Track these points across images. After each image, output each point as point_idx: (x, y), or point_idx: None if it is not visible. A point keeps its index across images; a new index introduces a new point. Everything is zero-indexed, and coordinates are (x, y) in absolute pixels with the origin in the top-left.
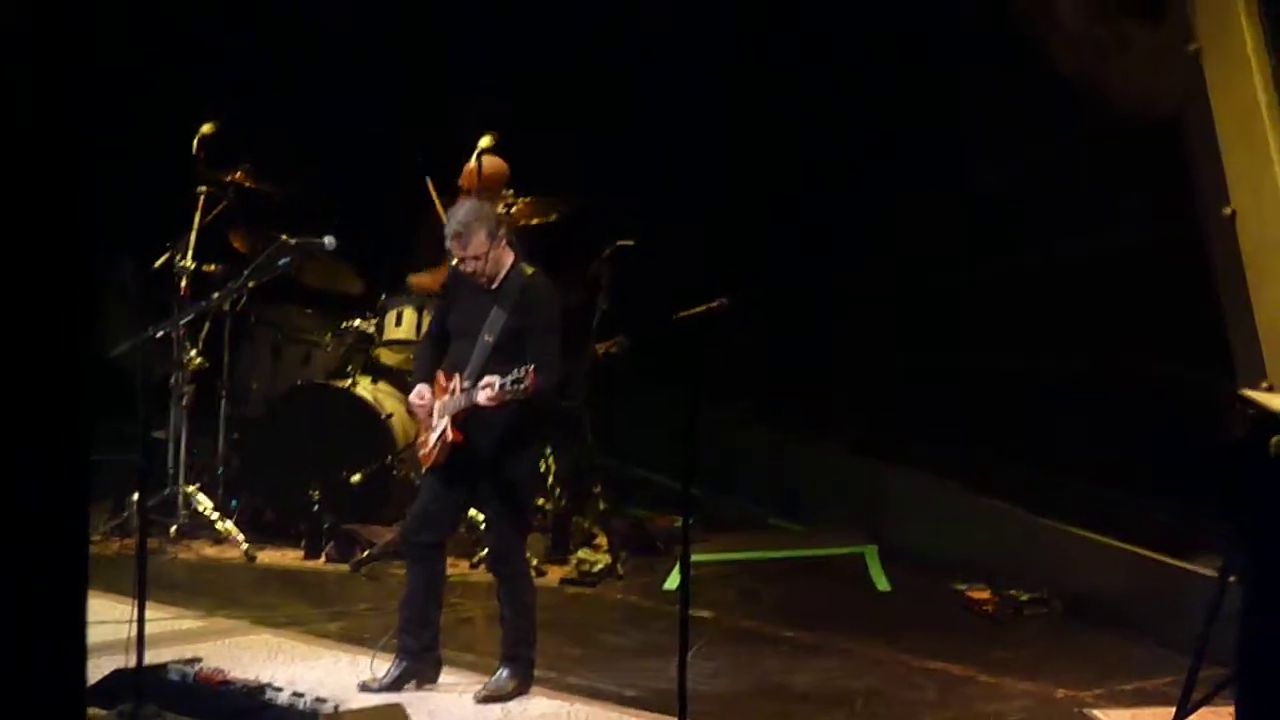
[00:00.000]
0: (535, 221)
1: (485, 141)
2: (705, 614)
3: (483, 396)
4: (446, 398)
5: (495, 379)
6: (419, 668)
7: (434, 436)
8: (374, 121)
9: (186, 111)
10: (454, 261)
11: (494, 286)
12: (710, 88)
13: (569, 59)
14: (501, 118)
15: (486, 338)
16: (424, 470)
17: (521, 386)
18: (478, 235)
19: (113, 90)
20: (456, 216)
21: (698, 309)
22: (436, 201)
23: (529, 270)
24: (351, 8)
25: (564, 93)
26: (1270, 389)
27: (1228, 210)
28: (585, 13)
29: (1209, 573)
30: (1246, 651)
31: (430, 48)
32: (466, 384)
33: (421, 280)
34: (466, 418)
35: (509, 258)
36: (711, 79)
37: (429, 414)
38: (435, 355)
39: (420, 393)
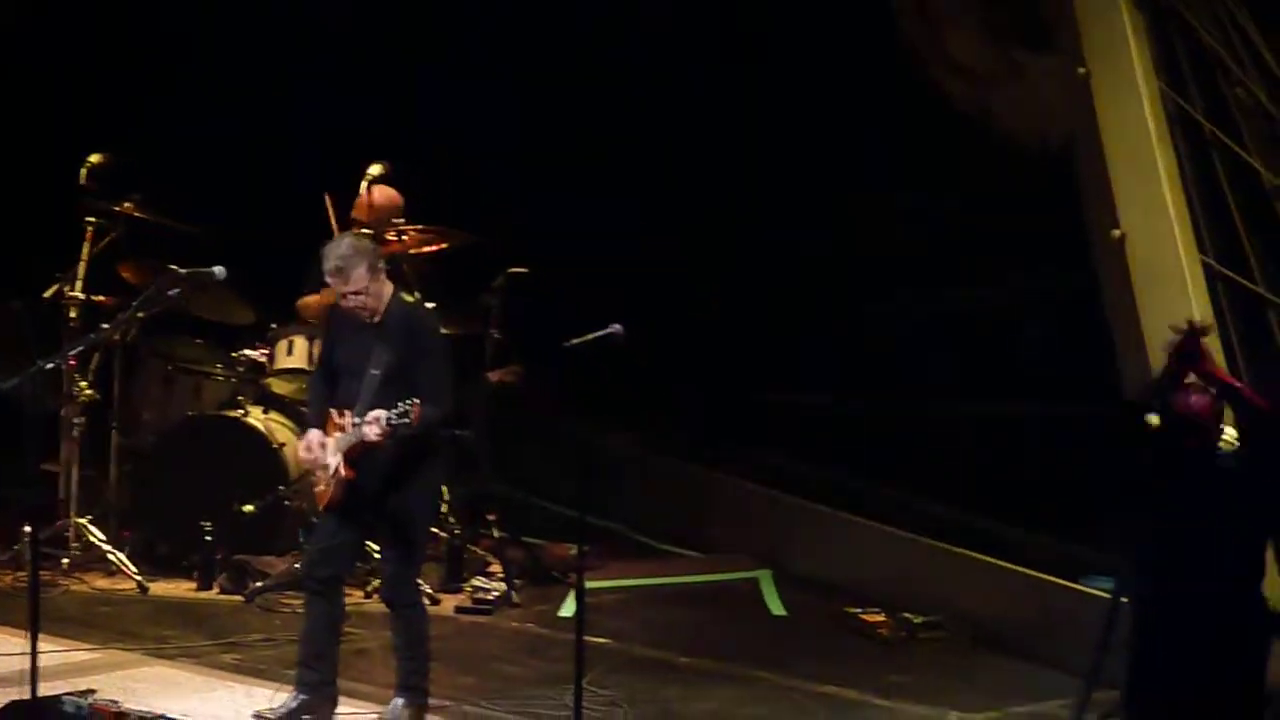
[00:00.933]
0: (426, 250)
1: (375, 170)
2: (602, 642)
3: (370, 432)
4: (338, 435)
5: (381, 413)
6: (316, 702)
7: (327, 475)
8: (262, 149)
9: (75, 142)
10: (336, 298)
11: (376, 320)
12: (607, 119)
13: (457, 89)
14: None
15: (373, 372)
16: (322, 509)
17: (407, 420)
18: (358, 269)
19: None
20: (336, 252)
21: (590, 336)
22: (333, 219)
23: (409, 299)
24: (236, 34)
25: (457, 121)
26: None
27: (1117, 233)
28: (478, 44)
29: (1101, 595)
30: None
31: (318, 73)
32: (356, 420)
33: (310, 302)
34: (359, 453)
35: (389, 289)
36: (610, 110)
37: (319, 461)
38: (326, 395)
39: (309, 442)
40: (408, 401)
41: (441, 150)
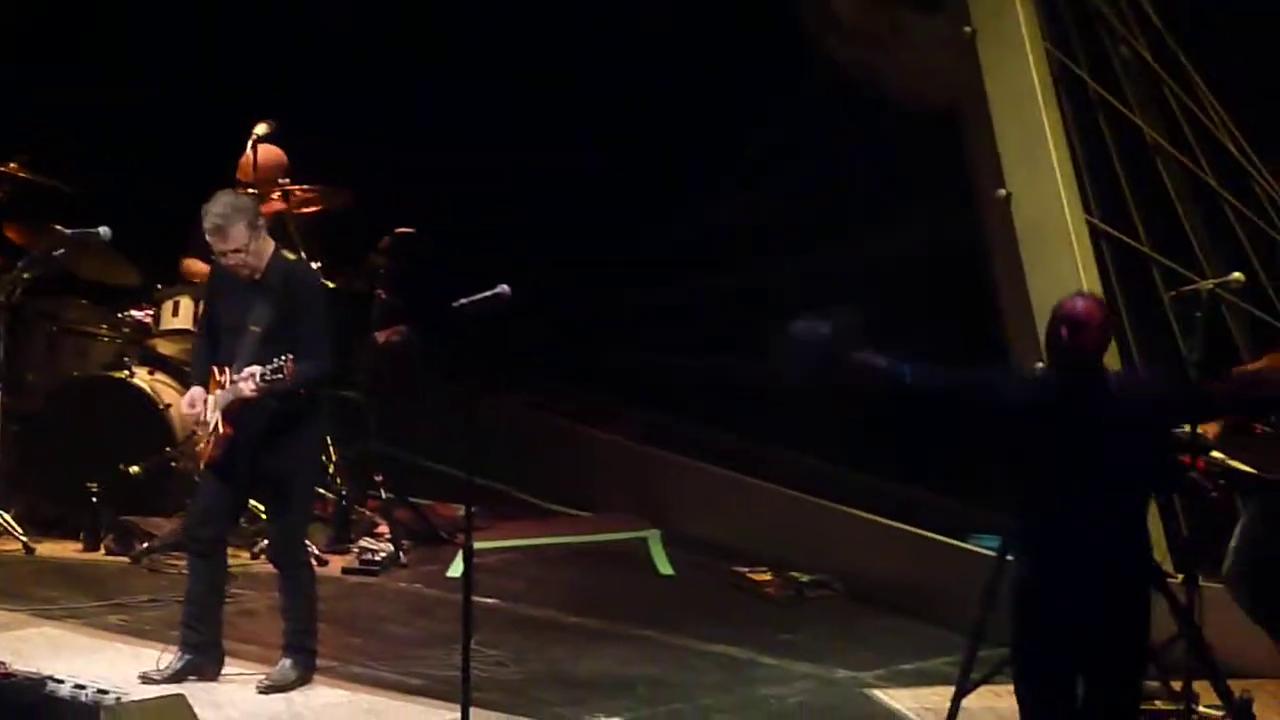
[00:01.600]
0: (313, 210)
1: (261, 129)
2: (490, 602)
3: (245, 387)
4: (219, 392)
5: (256, 369)
6: (201, 661)
7: (207, 432)
8: (149, 110)
9: None
10: (216, 255)
11: (257, 278)
12: (496, 82)
13: (346, 47)
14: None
15: (253, 329)
16: (202, 467)
17: (282, 375)
18: (237, 227)
19: None
20: (214, 210)
21: (479, 296)
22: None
23: (291, 257)
24: None
25: (342, 81)
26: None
27: (1003, 193)
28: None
29: (987, 553)
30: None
31: (206, 32)
32: (234, 377)
33: (195, 266)
34: (238, 410)
35: (269, 247)
36: (495, 71)
37: (199, 417)
38: (209, 354)
39: (191, 399)
40: (283, 357)
41: (325, 108)
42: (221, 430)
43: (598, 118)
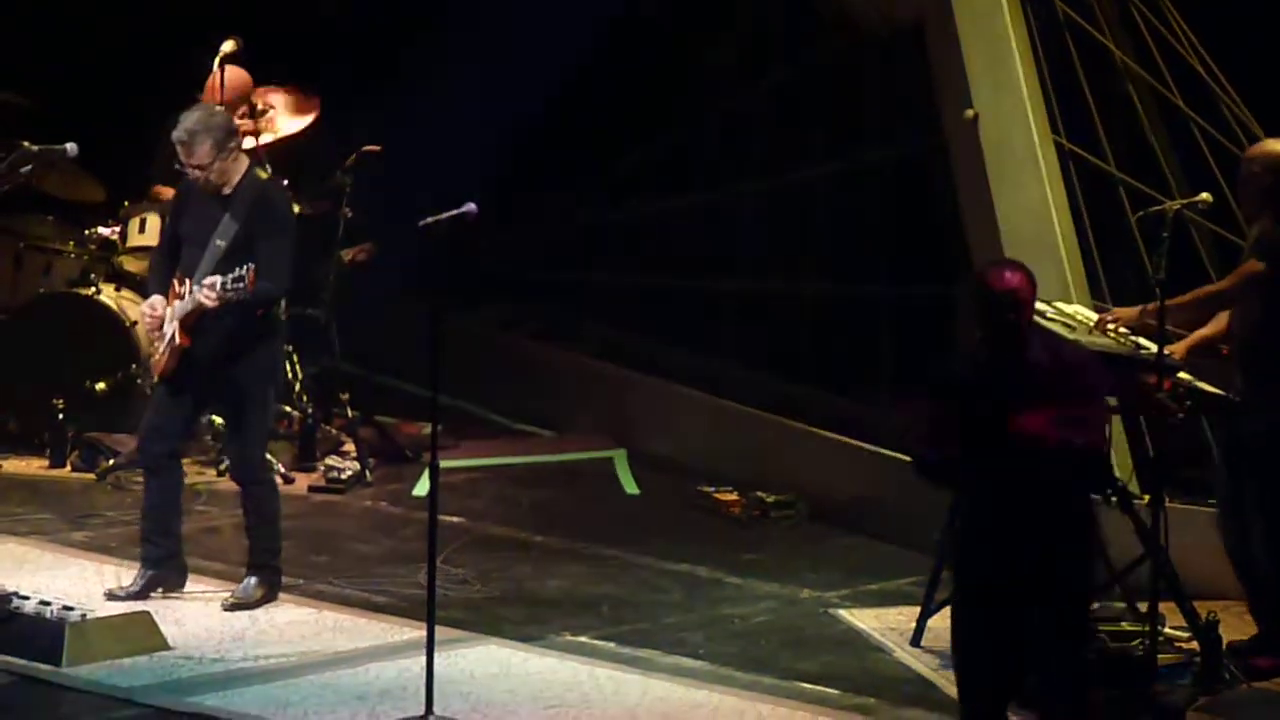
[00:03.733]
0: (285, 135)
1: (228, 46)
2: (455, 520)
3: (204, 295)
4: (178, 302)
5: (216, 278)
6: (164, 575)
7: (163, 343)
8: (115, 25)
9: None
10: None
11: (227, 193)
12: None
13: None
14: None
15: (218, 242)
16: (155, 379)
17: (242, 285)
18: (202, 145)
19: None
20: (184, 123)
21: (445, 215)
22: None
23: (263, 175)
24: None
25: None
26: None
27: (969, 113)
28: None
29: None
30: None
31: None
32: (203, 284)
33: (166, 191)
34: (195, 322)
35: (242, 165)
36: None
37: (159, 325)
38: (169, 265)
39: (152, 304)
40: (244, 268)
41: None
42: (178, 340)
43: (561, 37)
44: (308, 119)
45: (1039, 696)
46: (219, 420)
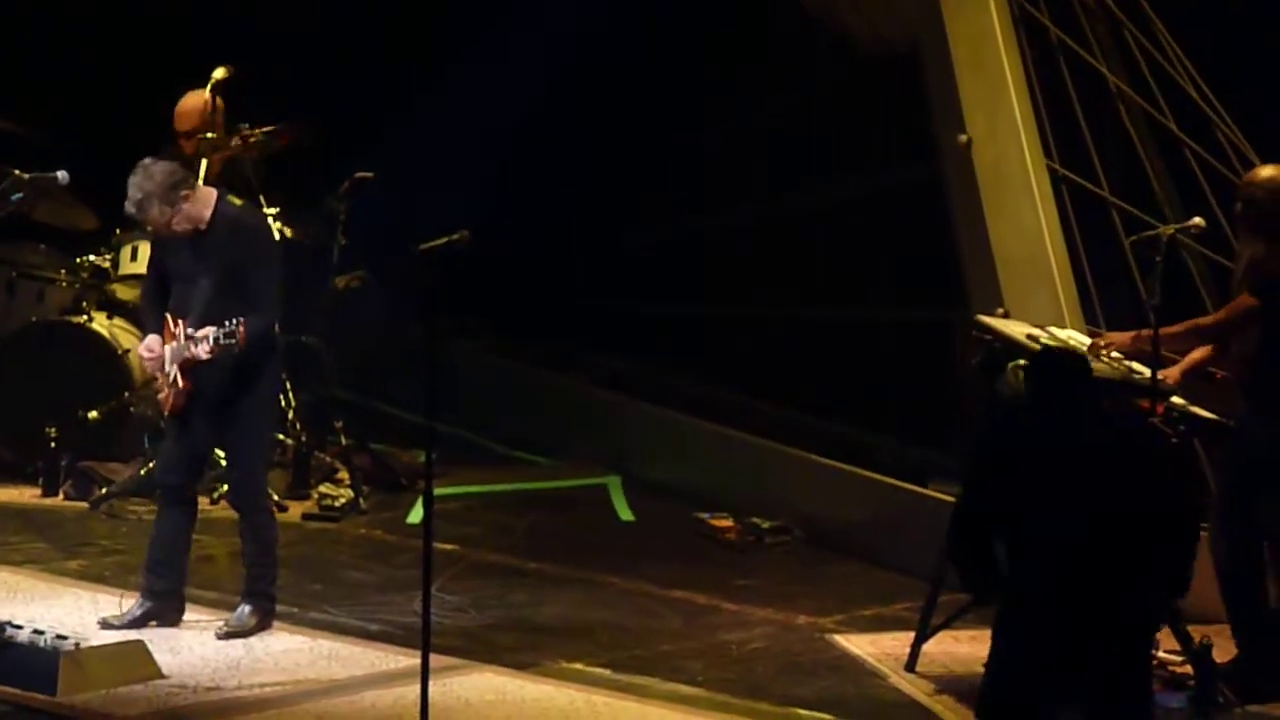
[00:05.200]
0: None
1: (219, 74)
2: (450, 548)
3: (200, 351)
4: (174, 344)
5: (210, 331)
6: (162, 609)
7: (168, 384)
8: (106, 55)
9: None
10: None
11: (202, 229)
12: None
13: None
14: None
15: (203, 282)
16: (167, 414)
17: (234, 341)
18: (151, 209)
19: None
20: (129, 194)
21: (439, 241)
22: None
23: (237, 203)
24: None
25: (297, 23)
26: (1006, 315)
27: (964, 138)
28: None
29: (947, 499)
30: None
31: None
32: (190, 331)
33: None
34: (193, 366)
35: (209, 199)
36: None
37: (159, 365)
38: (160, 303)
39: (149, 345)
40: (234, 322)
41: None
42: (181, 384)
43: (556, 63)
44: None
45: None
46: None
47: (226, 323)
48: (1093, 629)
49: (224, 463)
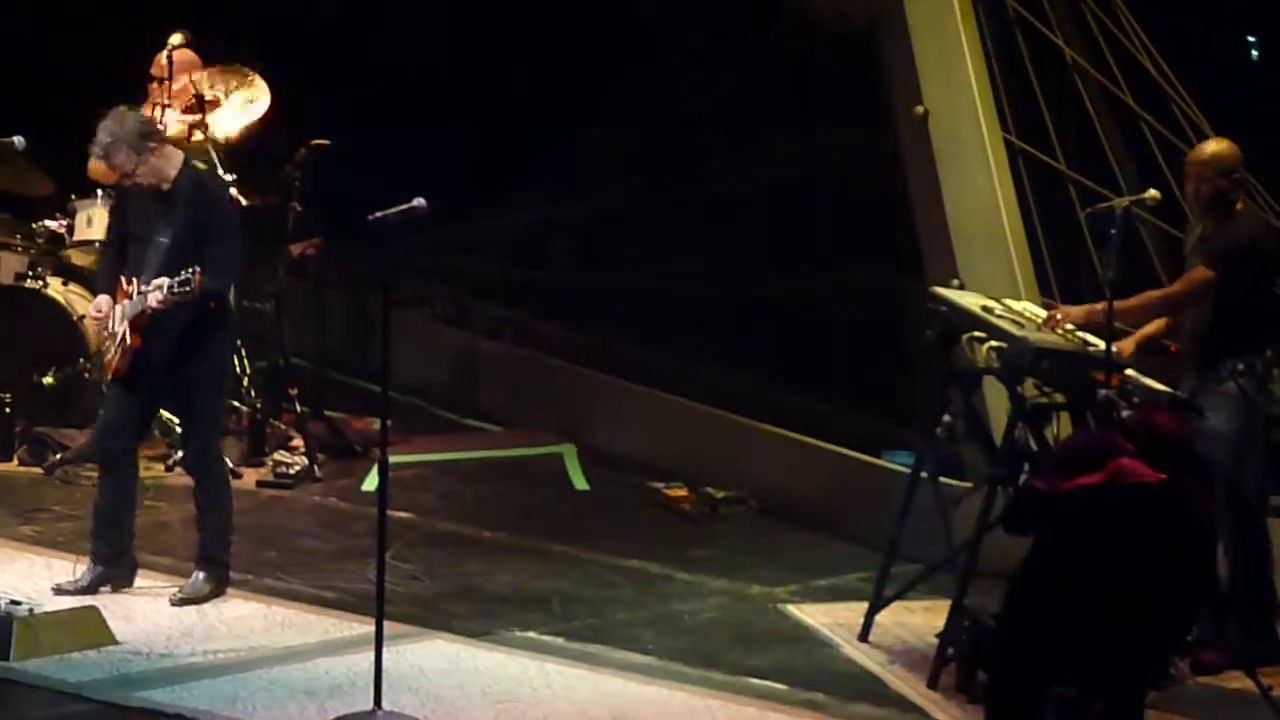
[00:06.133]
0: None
1: (176, 39)
2: (404, 516)
3: (152, 299)
4: (126, 302)
5: (163, 280)
6: (113, 572)
7: (114, 343)
8: (63, 20)
9: None
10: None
11: (166, 188)
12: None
13: None
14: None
15: (161, 240)
16: (109, 378)
17: (189, 288)
18: (119, 154)
19: None
20: (98, 138)
21: (395, 210)
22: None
23: (201, 167)
24: None
25: None
26: (962, 287)
27: (920, 109)
28: None
29: (901, 470)
30: None
31: None
32: (142, 288)
33: (99, 166)
34: (146, 321)
35: (176, 159)
36: None
37: (106, 325)
38: (117, 264)
39: (98, 305)
40: (190, 270)
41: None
42: (129, 341)
43: (513, 28)
44: (258, 112)
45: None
46: (168, 416)
47: (183, 271)
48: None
49: (178, 430)
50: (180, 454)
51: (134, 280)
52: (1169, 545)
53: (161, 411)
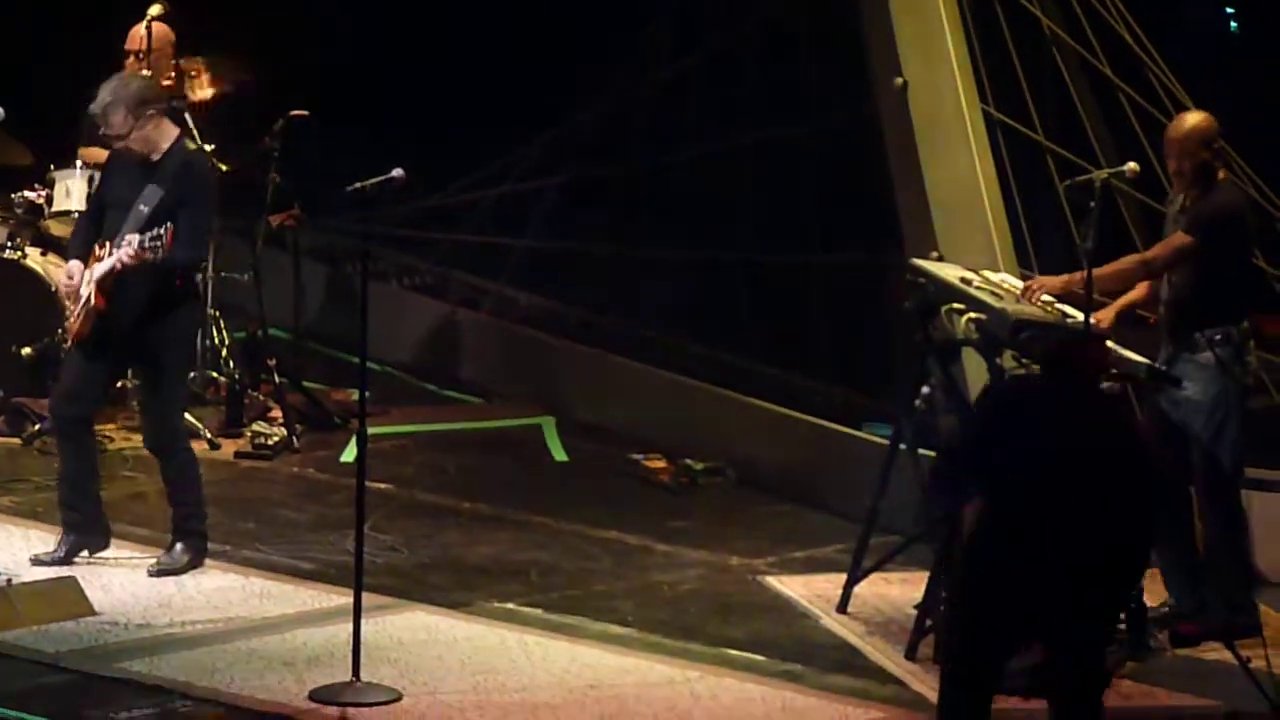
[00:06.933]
0: (212, 94)
1: (154, 10)
2: (383, 487)
3: (122, 253)
4: (96, 265)
5: (134, 236)
6: (87, 539)
7: (79, 306)
8: None
9: None
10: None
11: (154, 159)
12: None
13: None
14: None
15: (141, 208)
16: (70, 342)
17: (159, 245)
18: (116, 114)
19: None
20: (99, 95)
21: (374, 180)
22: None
23: (191, 147)
24: None
25: None
26: (940, 259)
27: (899, 81)
28: None
29: (879, 441)
30: None
31: None
32: (121, 242)
33: (93, 153)
34: (112, 285)
35: (171, 132)
36: None
37: (76, 290)
38: (93, 230)
39: (70, 270)
40: (163, 227)
41: None
42: (93, 302)
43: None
44: (233, 84)
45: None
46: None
47: (155, 228)
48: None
49: (138, 407)
50: None
51: (106, 244)
52: (1106, 483)
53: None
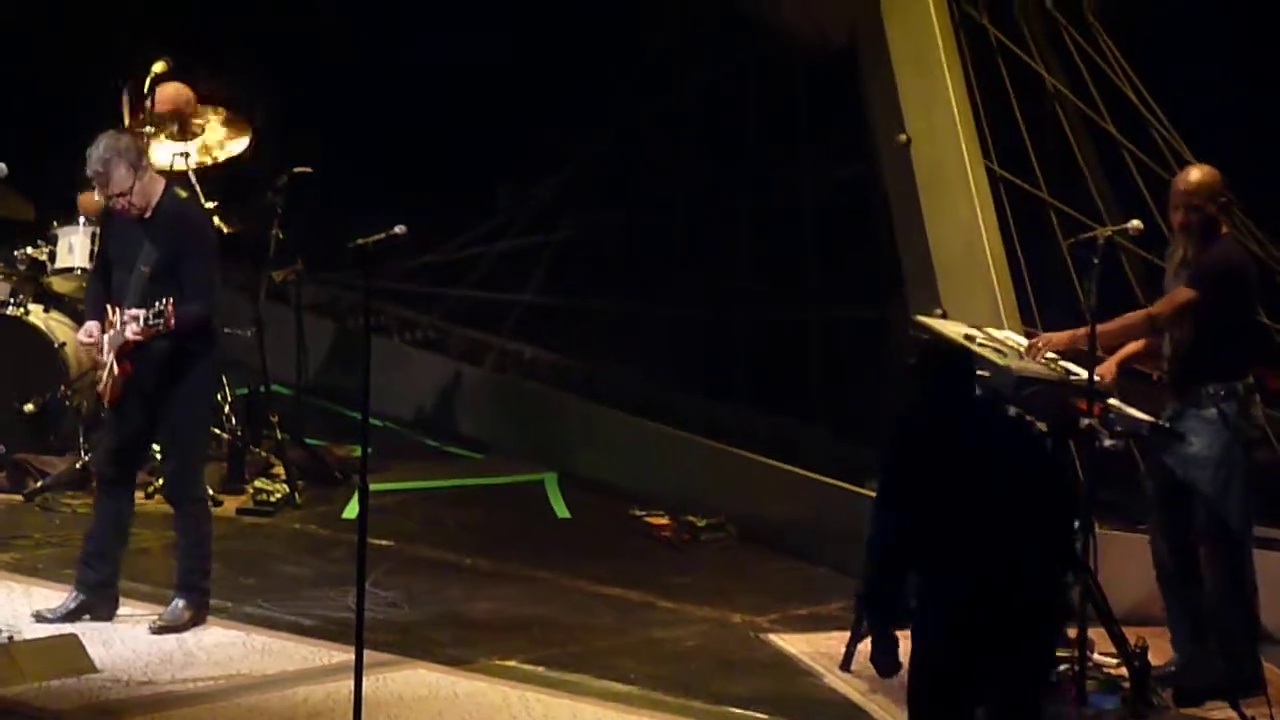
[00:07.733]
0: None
1: (158, 67)
2: (385, 543)
3: (129, 332)
4: (111, 332)
5: (139, 313)
6: (95, 603)
7: (105, 373)
8: (45, 45)
9: None
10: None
11: (147, 216)
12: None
13: None
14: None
15: (143, 268)
16: (107, 406)
17: (162, 320)
18: (117, 172)
19: None
20: (94, 155)
21: (377, 236)
22: (126, 114)
23: (183, 194)
24: None
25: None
26: (944, 315)
27: (903, 137)
28: None
29: None
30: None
31: None
32: (123, 319)
33: (90, 203)
34: (130, 351)
35: (159, 185)
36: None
37: (99, 350)
38: (103, 289)
39: (88, 330)
40: (163, 302)
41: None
42: (118, 371)
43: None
44: (241, 143)
45: None
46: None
47: (156, 303)
48: (998, 625)
49: (159, 456)
50: (161, 481)
51: (118, 309)
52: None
53: None
